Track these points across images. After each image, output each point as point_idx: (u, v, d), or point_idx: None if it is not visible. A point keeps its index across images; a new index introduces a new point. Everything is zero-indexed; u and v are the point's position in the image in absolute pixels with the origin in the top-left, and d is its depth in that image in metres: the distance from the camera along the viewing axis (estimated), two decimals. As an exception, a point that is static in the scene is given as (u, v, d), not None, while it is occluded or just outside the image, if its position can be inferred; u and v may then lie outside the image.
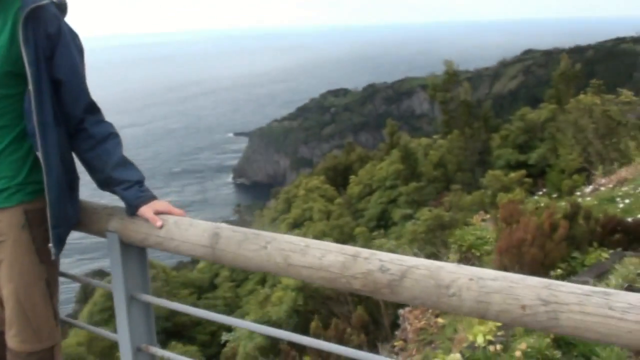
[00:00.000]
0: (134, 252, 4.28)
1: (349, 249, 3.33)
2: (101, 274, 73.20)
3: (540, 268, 10.91)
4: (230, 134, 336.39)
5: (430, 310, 16.15)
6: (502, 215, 12.63)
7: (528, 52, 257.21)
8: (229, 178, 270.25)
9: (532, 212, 12.37)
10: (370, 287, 3.17)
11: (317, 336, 16.90)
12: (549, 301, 2.63)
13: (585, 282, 9.65)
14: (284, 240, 3.54)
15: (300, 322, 24.06)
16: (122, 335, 4.41)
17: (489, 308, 2.80)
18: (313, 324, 18.52)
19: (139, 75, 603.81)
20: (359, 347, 21.17)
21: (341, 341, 17.12)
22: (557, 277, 11.01)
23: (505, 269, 10.92)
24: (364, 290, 3.21)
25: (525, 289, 2.72)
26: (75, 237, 4.62)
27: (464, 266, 2.98)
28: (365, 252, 3.28)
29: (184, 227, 3.97)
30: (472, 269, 2.96)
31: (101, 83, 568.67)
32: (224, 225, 3.89)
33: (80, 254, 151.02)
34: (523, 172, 40.66)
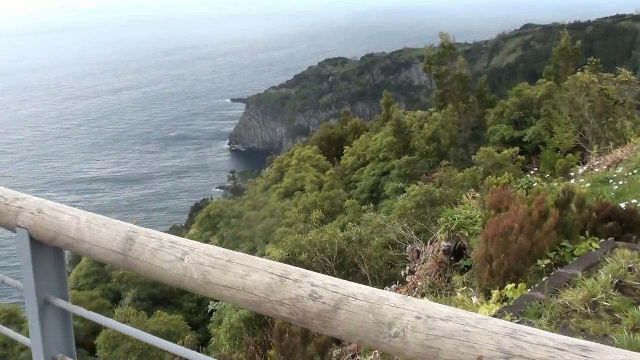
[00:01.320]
0: (48, 251, 3.69)
1: (278, 267, 2.75)
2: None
3: (527, 258, 10.41)
4: (228, 100, 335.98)
5: (416, 290, 15.77)
6: (491, 201, 12.08)
7: (528, 27, 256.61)
8: (225, 144, 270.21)
9: (521, 198, 11.80)
10: (299, 316, 2.60)
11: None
12: (513, 354, 2.03)
13: (573, 276, 9.14)
14: (204, 253, 2.97)
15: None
16: (35, 342, 3.83)
17: (438, 355, 2.20)
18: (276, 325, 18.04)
19: (133, 37, 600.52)
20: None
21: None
22: (545, 267, 10.58)
23: (491, 257, 10.43)
24: (292, 319, 2.64)
25: (485, 336, 2.10)
26: None
27: (412, 299, 2.36)
28: (296, 272, 2.70)
29: (96, 227, 3.39)
30: (421, 303, 2.35)
31: (95, 45, 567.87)
32: (140, 228, 3.30)
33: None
34: (516, 149, 40.15)
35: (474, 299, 9.74)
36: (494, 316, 8.13)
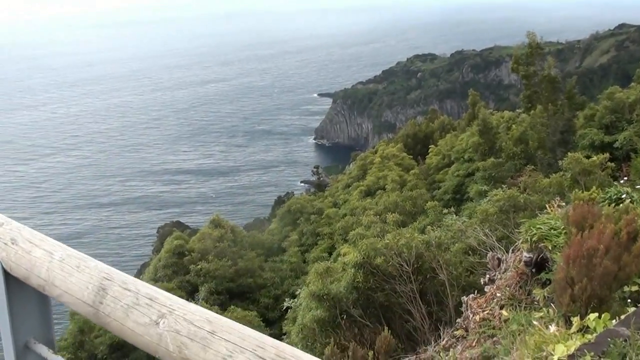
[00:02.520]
0: (27, 288, 3.08)
1: (271, 346, 2.01)
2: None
3: (613, 283, 9.50)
4: (315, 94, 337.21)
5: (495, 300, 15.03)
6: (574, 218, 11.14)
7: (622, 27, 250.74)
8: (311, 139, 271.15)
9: (608, 217, 10.83)
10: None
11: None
12: None
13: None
14: (183, 317, 2.30)
15: (360, 298, 23.02)
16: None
17: None
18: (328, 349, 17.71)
19: (222, 30, 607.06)
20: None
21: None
22: (632, 294, 9.70)
23: (572, 281, 9.56)
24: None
25: None
26: None
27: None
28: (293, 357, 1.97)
29: (68, 269, 2.82)
30: None
31: (184, 37, 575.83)
32: (116, 274, 2.65)
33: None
34: (606, 155, 38.54)
35: (551, 328, 8.88)
36: (572, 355, 7.32)
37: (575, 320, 8.95)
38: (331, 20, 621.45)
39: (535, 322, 9.78)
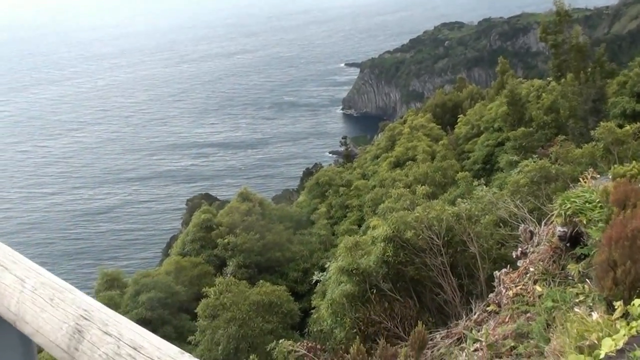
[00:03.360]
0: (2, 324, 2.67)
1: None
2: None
3: (660, 266, 9.09)
4: (342, 64, 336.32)
5: (528, 275, 14.71)
6: (615, 197, 10.72)
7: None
8: (338, 109, 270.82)
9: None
10: None
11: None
12: None
13: None
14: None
15: (390, 272, 22.77)
16: None
17: None
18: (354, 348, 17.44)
19: (248, 1, 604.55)
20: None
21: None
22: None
23: (614, 263, 9.17)
24: None
25: None
26: None
27: None
28: None
29: (41, 303, 2.39)
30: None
31: (210, 9, 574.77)
32: (97, 310, 2.27)
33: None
34: (639, 124, 37.74)
35: (594, 315, 8.51)
36: (622, 350, 6.97)
37: (619, 305, 8.59)
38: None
39: (577, 309, 9.41)
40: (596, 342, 7.31)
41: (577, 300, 11.09)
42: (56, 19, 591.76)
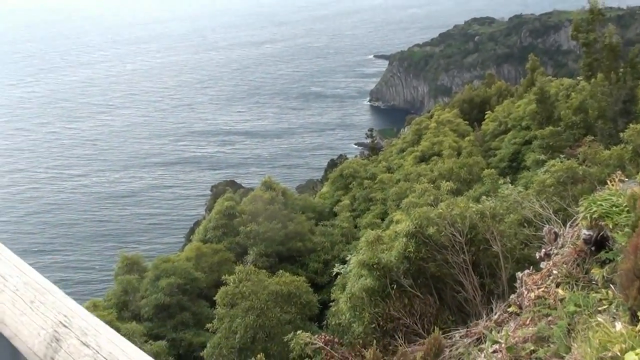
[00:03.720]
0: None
1: None
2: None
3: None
4: (370, 56, 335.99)
5: (551, 278, 14.49)
6: (643, 203, 10.48)
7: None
8: (366, 101, 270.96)
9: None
10: None
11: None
12: None
13: None
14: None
15: (411, 268, 22.59)
16: None
17: None
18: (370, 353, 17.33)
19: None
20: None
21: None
22: None
23: (640, 272, 8.91)
24: None
25: None
26: None
27: None
28: None
29: (21, 305, 2.21)
30: None
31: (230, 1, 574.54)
32: (76, 319, 2.08)
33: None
34: (671, 127, 37.30)
35: (618, 325, 8.27)
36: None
37: (644, 315, 8.39)
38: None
39: (600, 317, 9.18)
40: (619, 354, 7.09)
41: (600, 307, 10.88)
42: (87, 3, 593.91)
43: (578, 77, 76.01)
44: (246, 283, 34.30)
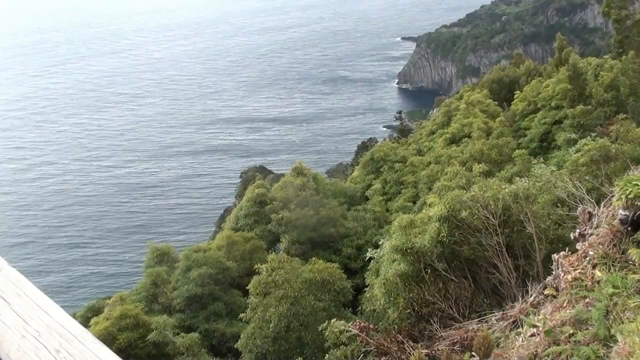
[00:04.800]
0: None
1: None
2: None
3: None
4: (398, 38, 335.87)
5: (587, 259, 14.32)
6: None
7: None
8: (394, 83, 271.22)
9: None
10: None
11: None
12: None
13: None
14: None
15: (445, 252, 22.49)
16: None
17: None
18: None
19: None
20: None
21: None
22: None
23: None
24: None
25: None
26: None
27: None
28: None
29: (45, 355, 2.10)
30: None
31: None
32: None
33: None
34: None
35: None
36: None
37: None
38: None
39: (633, 325, 9.08)
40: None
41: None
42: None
43: (605, 56, 75.21)
44: (279, 271, 34.20)
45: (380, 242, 28.50)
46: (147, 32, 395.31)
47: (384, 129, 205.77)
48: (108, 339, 33.84)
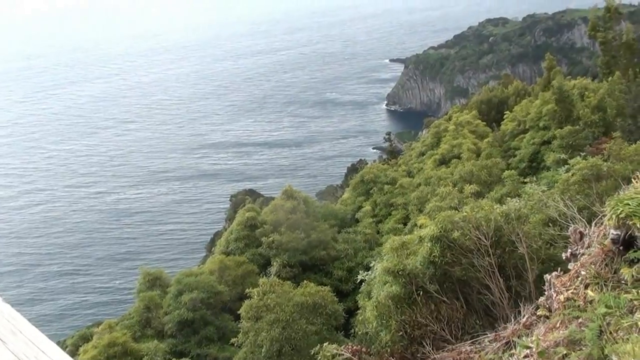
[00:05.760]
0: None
1: None
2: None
3: None
4: (386, 60, 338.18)
5: (579, 279, 14.30)
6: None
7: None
8: (383, 105, 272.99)
9: None
10: None
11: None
12: None
13: None
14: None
15: (437, 273, 22.48)
16: None
17: None
18: None
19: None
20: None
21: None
22: None
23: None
24: None
25: None
26: None
27: None
28: None
29: None
30: None
31: (246, 6, 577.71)
32: None
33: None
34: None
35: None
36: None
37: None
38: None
39: (629, 346, 9.03)
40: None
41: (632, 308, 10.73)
42: (98, 16, 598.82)
43: (589, 78, 75.72)
44: (271, 295, 34.05)
45: (371, 264, 28.50)
46: (135, 56, 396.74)
47: (374, 150, 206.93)
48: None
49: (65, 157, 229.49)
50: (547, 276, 15.86)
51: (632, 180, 16.17)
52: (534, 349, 12.04)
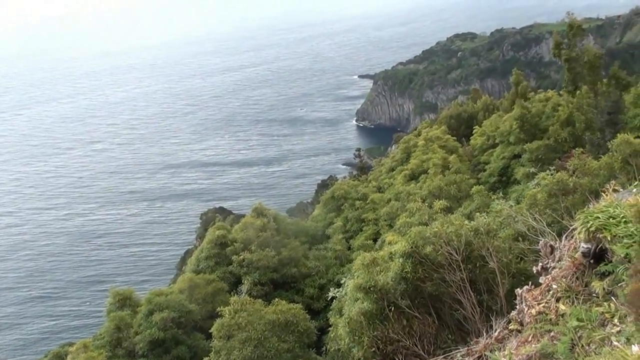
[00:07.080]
0: None
1: None
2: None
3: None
4: (355, 76, 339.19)
5: (550, 292, 14.32)
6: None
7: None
8: (352, 121, 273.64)
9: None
10: None
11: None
12: None
13: None
14: None
15: (409, 288, 22.46)
16: None
17: None
18: None
19: (249, 15, 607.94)
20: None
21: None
22: None
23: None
24: None
25: None
26: None
27: None
28: None
29: None
30: None
31: (213, 23, 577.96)
32: None
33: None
34: (657, 136, 37.19)
35: (634, 348, 8.06)
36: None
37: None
38: (364, 1, 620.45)
39: (615, 342, 9.01)
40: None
41: (603, 321, 10.77)
42: (63, 36, 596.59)
43: (560, 92, 76.37)
44: (242, 314, 33.86)
45: (342, 281, 28.51)
46: (101, 75, 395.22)
47: (344, 166, 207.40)
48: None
49: (33, 178, 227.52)
50: (518, 290, 15.89)
51: (601, 193, 16.26)
52: (504, 360, 12.09)
